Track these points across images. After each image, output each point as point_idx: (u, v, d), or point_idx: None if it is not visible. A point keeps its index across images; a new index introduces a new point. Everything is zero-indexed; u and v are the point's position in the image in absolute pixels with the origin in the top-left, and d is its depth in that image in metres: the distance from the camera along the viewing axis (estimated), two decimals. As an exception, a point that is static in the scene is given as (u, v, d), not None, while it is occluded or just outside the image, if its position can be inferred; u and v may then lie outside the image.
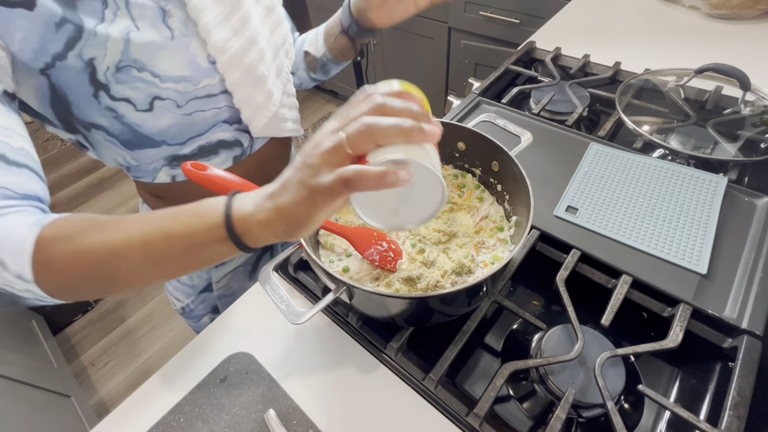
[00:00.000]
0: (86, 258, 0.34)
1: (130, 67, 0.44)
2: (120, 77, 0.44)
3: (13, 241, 0.34)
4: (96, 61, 0.42)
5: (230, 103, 0.54)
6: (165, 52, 0.45)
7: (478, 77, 1.04)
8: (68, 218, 0.36)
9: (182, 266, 0.34)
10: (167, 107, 0.48)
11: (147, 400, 0.49)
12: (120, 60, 0.43)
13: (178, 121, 0.49)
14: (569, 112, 0.76)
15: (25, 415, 1.15)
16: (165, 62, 0.45)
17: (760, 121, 0.68)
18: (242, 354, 0.52)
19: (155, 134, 0.50)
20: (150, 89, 0.46)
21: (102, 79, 0.43)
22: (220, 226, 0.31)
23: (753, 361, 0.42)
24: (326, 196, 0.28)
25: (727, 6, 0.94)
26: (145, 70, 0.45)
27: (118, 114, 0.46)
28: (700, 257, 0.51)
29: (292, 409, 0.46)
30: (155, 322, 1.68)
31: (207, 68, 0.49)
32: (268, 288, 0.44)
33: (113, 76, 0.44)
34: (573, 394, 0.43)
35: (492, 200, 0.57)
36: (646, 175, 0.62)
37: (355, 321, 0.52)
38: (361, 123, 0.28)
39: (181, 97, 0.48)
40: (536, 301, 0.57)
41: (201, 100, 0.50)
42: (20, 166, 0.38)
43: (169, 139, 0.51)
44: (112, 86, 0.44)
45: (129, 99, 0.45)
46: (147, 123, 0.48)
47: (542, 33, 1.03)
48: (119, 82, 0.44)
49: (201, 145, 0.54)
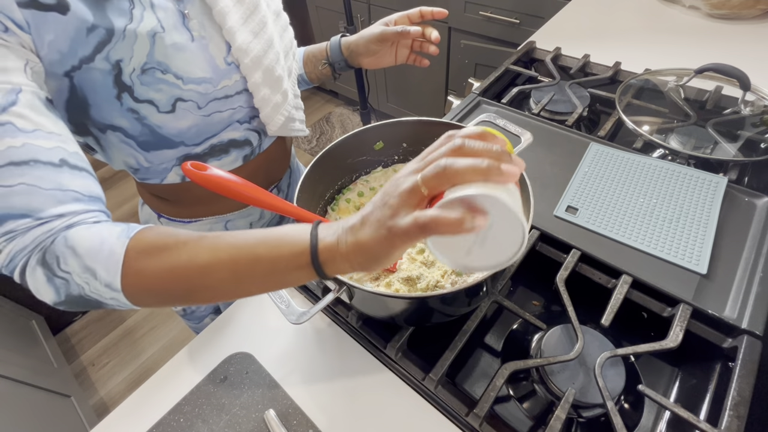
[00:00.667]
0: (175, 274, 0.35)
1: (155, 69, 0.44)
2: (144, 79, 0.44)
3: (104, 252, 0.35)
4: (123, 63, 0.43)
5: (244, 103, 0.54)
6: (187, 53, 0.46)
7: (478, 77, 1.04)
8: (153, 231, 0.37)
9: (263, 287, 0.36)
10: (189, 108, 0.48)
11: (147, 400, 0.49)
12: (145, 62, 0.44)
13: (197, 122, 0.50)
14: (569, 112, 0.76)
15: (25, 415, 1.15)
16: (187, 64, 0.46)
17: (760, 121, 0.68)
18: (242, 354, 0.52)
19: (175, 135, 0.50)
20: (173, 91, 0.46)
21: (127, 81, 0.44)
22: (305, 254, 0.33)
23: (753, 361, 0.42)
24: (403, 237, 0.28)
25: (727, 6, 0.94)
26: (169, 72, 0.45)
27: (140, 115, 0.47)
28: (700, 257, 0.51)
29: (292, 409, 0.46)
30: (155, 322, 1.68)
31: (225, 69, 0.50)
32: (268, 288, 0.44)
33: (138, 78, 0.44)
34: (573, 394, 0.43)
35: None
36: (646, 175, 0.62)
37: (355, 321, 0.52)
38: (437, 164, 0.28)
39: (202, 99, 0.49)
40: (536, 301, 0.57)
41: (219, 101, 0.51)
42: (81, 170, 0.39)
43: (188, 140, 0.52)
44: (136, 88, 0.45)
45: (152, 100, 0.46)
46: (168, 124, 0.49)
47: (542, 33, 1.03)
48: (144, 84, 0.45)
49: (213, 144, 0.55)
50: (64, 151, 0.38)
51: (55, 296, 0.37)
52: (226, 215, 0.64)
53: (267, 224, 0.70)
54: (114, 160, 0.53)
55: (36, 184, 0.35)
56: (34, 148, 0.36)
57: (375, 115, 2.20)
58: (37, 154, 0.36)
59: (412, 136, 0.60)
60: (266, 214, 0.70)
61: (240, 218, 0.65)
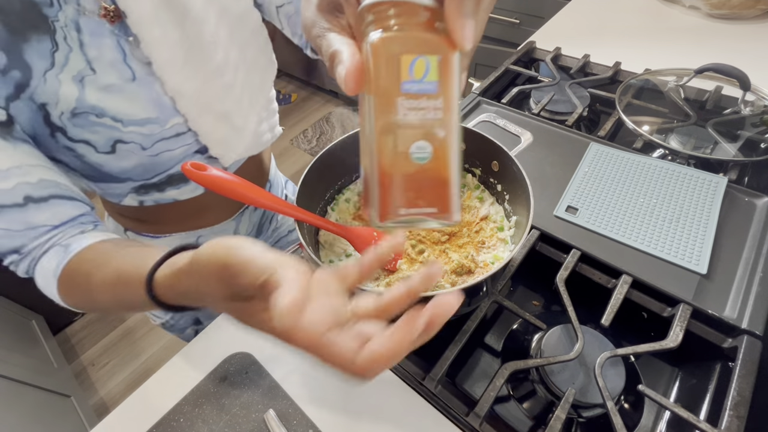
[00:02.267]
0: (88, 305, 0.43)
1: (88, 113, 0.41)
2: (77, 122, 0.41)
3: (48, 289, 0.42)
4: (48, 107, 0.40)
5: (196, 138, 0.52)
6: (126, 94, 0.42)
7: (478, 77, 1.04)
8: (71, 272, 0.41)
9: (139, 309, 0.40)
10: (131, 150, 0.45)
11: (147, 400, 0.49)
12: (75, 107, 0.40)
13: (143, 162, 0.47)
14: (569, 112, 0.76)
15: (25, 415, 1.15)
16: (127, 105, 0.43)
17: (760, 121, 0.68)
18: (242, 354, 0.52)
19: (119, 173, 0.48)
20: (112, 133, 0.43)
21: (57, 122, 0.41)
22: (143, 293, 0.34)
23: (753, 361, 0.42)
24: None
25: (727, 6, 0.94)
26: (105, 115, 0.42)
27: (78, 154, 0.44)
28: (700, 257, 0.51)
29: (292, 409, 0.46)
30: (155, 322, 1.68)
31: (174, 107, 0.46)
32: (268, 288, 0.44)
33: (69, 121, 0.41)
34: (573, 394, 0.43)
35: (492, 200, 0.57)
36: (646, 175, 0.62)
37: (355, 321, 0.52)
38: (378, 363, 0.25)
39: (146, 140, 0.45)
40: (536, 301, 0.57)
41: (168, 141, 0.48)
42: (47, 200, 0.39)
43: (135, 176, 0.49)
44: (68, 129, 0.42)
45: (89, 141, 0.43)
46: (109, 164, 0.46)
47: (542, 33, 1.03)
48: (77, 126, 0.41)
49: (170, 175, 0.52)
50: (27, 185, 0.38)
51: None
52: (198, 231, 0.62)
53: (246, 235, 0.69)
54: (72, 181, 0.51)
55: (9, 228, 0.39)
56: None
57: (375, 115, 2.20)
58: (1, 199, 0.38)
59: (412, 136, 0.60)
60: (241, 230, 0.67)
61: (212, 234, 0.63)
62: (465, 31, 0.21)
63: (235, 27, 0.50)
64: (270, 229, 0.75)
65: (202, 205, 0.60)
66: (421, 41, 0.21)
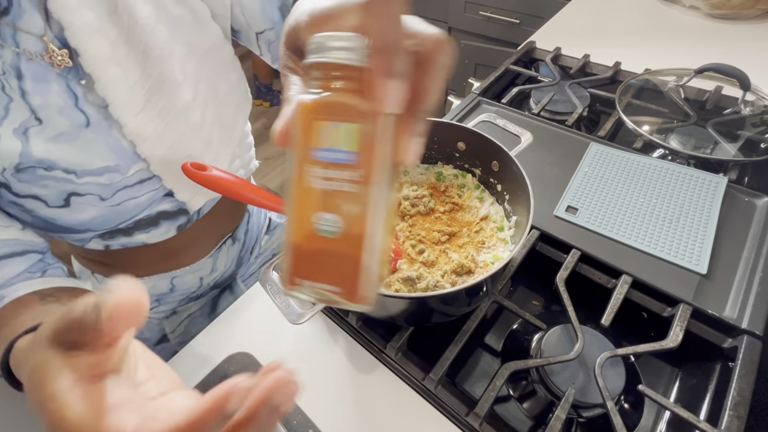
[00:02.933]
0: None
1: (34, 167, 0.36)
2: (22, 177, 0.37)
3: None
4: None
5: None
6: (80, 142, 0.38)
7: (478, 77, 1.04)
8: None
9: None
10: (88, 201, 0.41)
11: (147, 400, 0.49)
12: (19, 162, 0.36)
13: (103, 213, 0.43)
14: (569, 112, 0.76)
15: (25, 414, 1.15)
16: (81, 154, 0.38)
17: (760, 121, 0.68)
18: (242, 354, 0.51)
19: (76, 225, 0.43)
20: (64, 186, 0.38)
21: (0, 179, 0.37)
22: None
23: (753, 361, 0.42)
24: None
25: (727, 6, 0.94)
26: (55, 168, 0.37)
27: (26, 209, 0.40)
28: (700, 257, 0.51)
29: (292, 409, 0.46)
30: (155, 322, 1.68)
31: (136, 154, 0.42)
32: (268, 288, 0.44)
33: (14, 176, 0.36)
34: (573, 394, 0.43)
35: (492, 200, 0.57)
36: (646, 175, 0.62)
37: (355, 321, 0.52)
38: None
39: (105, 190, 0.41)
40: (536, 301, 0.57)
41: (132, 188, 0.43)
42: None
43: (94, 227, 0.44)
44: (13, 185, 0.37)
45: (38, 196, 0.38)
46: (63, 217, 0.41)
47: (542, 33, 1.03)
48: (22, 182, 0.37)
49: (138, 220, 0.47)
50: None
51: None
52: (172, 272, 0.58)
53: (219, 277, 0.64)
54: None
55: None
56: None
57: (375, 115, 2.20)
58: None
59: (412, 136, 0.60)
60: (218, 267, 0.62)
61: (188, 273, 0.59)
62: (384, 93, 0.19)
63: (203, 62, 0.45)
64: (252, 257, 0.71)
65: (175, 246, 0.55)
66: (343, 108, 0.20)
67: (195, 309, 0.65)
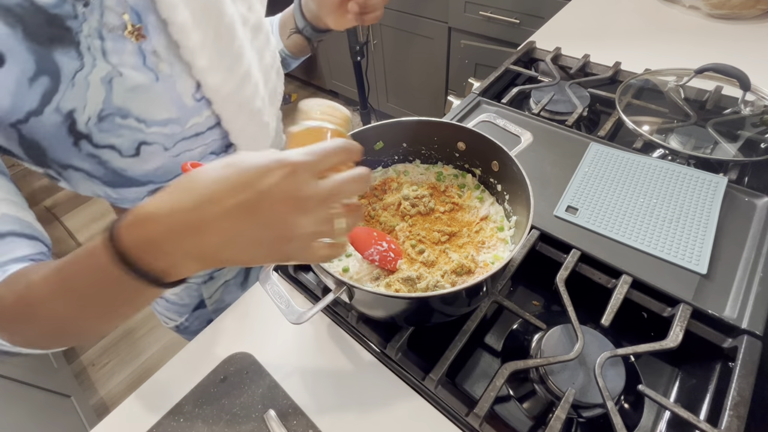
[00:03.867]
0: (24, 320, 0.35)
1: (113, 115, 0.42)
2: (103, 126, 0.42)
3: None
4: (76, 113, 0.40)
5: (218, 136, 0.52)
6: (151, 95, 0.43)
7: (478, 77, 1.04)
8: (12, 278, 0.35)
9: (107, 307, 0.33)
10: (155, 151, 0.46)
11: (147, 400, 0.49)
12: (102, 109, 0.41)
13: (165, 163, 0.48)
14: (569, 112, 0.76)
15: (25, 415, 1.15)
16: (151, 106, 0.44)
17: (760, 121, 0.68)
18: (242, 354, 0.52)
19: (141, 176, 0.48)
20: (136, 135, 0.44)
21: (83, 129, 0.41)
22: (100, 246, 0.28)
23: (753, 361, 0.42)
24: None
25: (727, 6, 0.94)
26: (130, 116, 0.43)
27: (102, 160, 0.44)
28: (700, 257, 0.51)
29: (292, 409, 0.46)
30: (155, 322, 1.68)
31: (193, 107, 0.47)
32: (268, 288, 0.44)
33: (95, 126, 0.41)
34: (573, 394, 0.43)
35: (492, 200, 0.57)
36: (646, 175, 0.62)
37: (355, 321, 0.52)
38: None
39: (168, 140, 0.46)
40: (536, 301, 0.57)
41: (188, 140, 0.49)
42: (4, 236, 0.37)
43: (156, 179, 0.49)
44: (94, 135, 0.42)
45: (114, 146, 0.43)
46: (133, 167, 0.46)
47: (542, 33, 1.03)
48: (102, 131, 0.42)
49: None
50: None
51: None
52: None
53: None
54: (80, 190, 0.49)
55: None
56: None
57: (375, 115, 2.20)
58: None
59: (412, 136, 0.60)
60: None
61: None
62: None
63: (253, 35, 0.53)
64: None
65: None
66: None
67: (230, 277, 0.69)
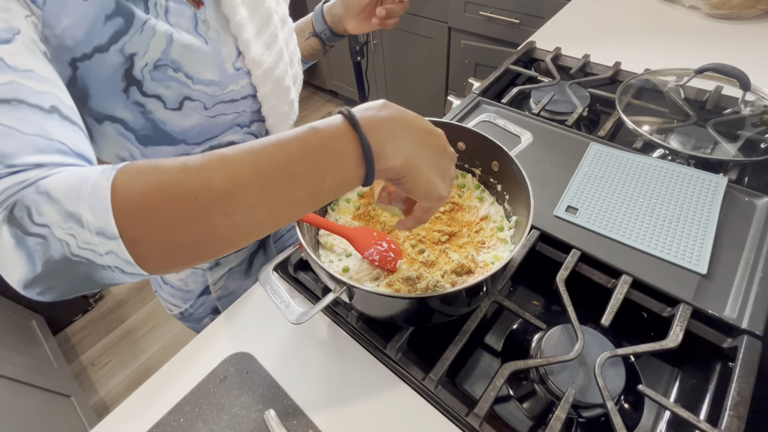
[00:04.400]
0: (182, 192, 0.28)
1: (167, 66, 0.45)
2: (156, 75, 0.44)
3: (86, 190, 0.27)
4: (136, 57, 0.43)
5: (248, 108, 0.54)
6: (199, 55, 0.47)
7: (478, 77, 1.04)
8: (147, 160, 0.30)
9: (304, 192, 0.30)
10: (195, 108, 0.49)
11: (147, 400, 0.49)
12: (159, 59, 0.44)
13: (201, 122, 0.50)
14: (569, 112, 0.76)
15: (25, 415, 1.15)
16: (198, 65, 0.47)
17: (760, 121, 0.68)
18: (242, 354, 0.52)
19: (178, 132, 0.50)
20: (182, 89, 0.47)
21: (138, 75, 0.44)
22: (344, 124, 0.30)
23: (753, 361, 0.42)
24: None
25: (727, 6, 0.94)
26: (181, 70, 0.46)
27: (146, 110, 0.47)
28: (700, 257, 0.51)
29: (292, 409, 0.46)
30: (155, 322, 1.68)
31: (233, 74, 0.50)
32: (268, 288, 0.44)
33: (149, 73, 0.44)
34: (573, 394, 0.43)
35: (492, 200, 0.57)
36: (646, 175, 0.62)
37: (355, 321, 0.52)
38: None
39: (209, 100, 0.49)
40: (536, 301, 0.57)
41: (225, 104, 0.51)
42: (73, 123, 0.35)
43: (189, 138, 0.52)
44: (146, 83, 0.44)
45: (160, 96, 0.46)
46: (173, 121, 0.48)
47: (542, 33, 1.03)
48: (154, 80, 0.45)
49: (212, 145, 0.54)
50: (58, 99, 0.33)
51: (28, 266, 0.27)
52: None
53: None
54: (104, 151, 0.50)
55: (15, 126, 0.30)
56: (23, 88, 0.31)
57: (375, 115, 2.19)
58: (25, 94, 0.31)
59: (412, 136, 0.60)
60: None
61: None
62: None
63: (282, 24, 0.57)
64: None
65: None
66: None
67: (234, 264, 0.70)
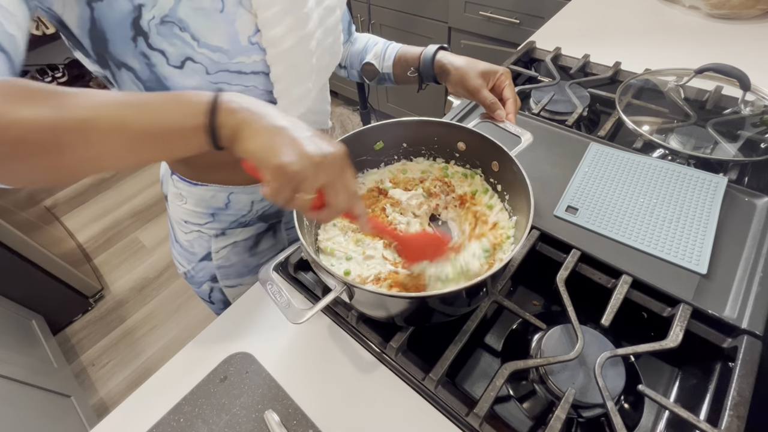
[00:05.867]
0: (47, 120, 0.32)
1: (174, 24, 0.45)
2: (161, 30, 0.45)
3: None
4: (144, 8, 0.43)
5: (259, 84, 0.54)
6: (211, 21, 0.46)
7: (478, 77, 1.04)
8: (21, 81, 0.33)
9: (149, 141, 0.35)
10: (197, 70, 0.49)
11: (147, 400, 0.49)
12: (166, 14, 0.44)
13: (203, 86, 0.50)
14: (569, 112, 0.76)
15: (25, 415, 1.15)
16: (207, 30, 0.47)
17: (760, 121, 0.68)
18: (242, 354, 0.52)
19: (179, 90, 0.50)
20: (186, 49, 0.47)
21: (144, 26, 0.44)
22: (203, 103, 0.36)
23: (753, 361, 0.42)
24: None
25: (727, 6, 0.94)
26: (187, 30, 0.46)
27: (151, 62, 0.47)
28: (700, 257, 0.51)
29: (292, 409, 0.46)
30: (155, 322, 1.68)
31: (246, 47, 0.50)
32: (268, 288, 0.44)
33: (156, 27, 0.44)
34: (573, 394, 0.43)
35: (501, 206, 0.56)
36: (646, 175, 0.62)
37: (355, 321, 0.52)
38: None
39: (212, 65, 0.49)
40: (536, 301, 0.57)
41: (231, 74, 0.51)
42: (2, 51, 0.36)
43: None
44: (152, 36, 0.45)
45: (164, 51, 0.46)
46: (174, 78, 0.49)
47: (542, 33, 1.03)
48: (159, 34, 0.45)
49: None
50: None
51: None
52: (230, 187, 0.63)
53: (267, 209, 0.69)
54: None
55: None
56: None
57: (375, 115, 2.20)
58: None
59: (412, 136, 0.60)
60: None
61: (243, 193, 0.65)
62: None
63: (325, 13, 0.57)
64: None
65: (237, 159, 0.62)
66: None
67: (240, 238, 0.70)
